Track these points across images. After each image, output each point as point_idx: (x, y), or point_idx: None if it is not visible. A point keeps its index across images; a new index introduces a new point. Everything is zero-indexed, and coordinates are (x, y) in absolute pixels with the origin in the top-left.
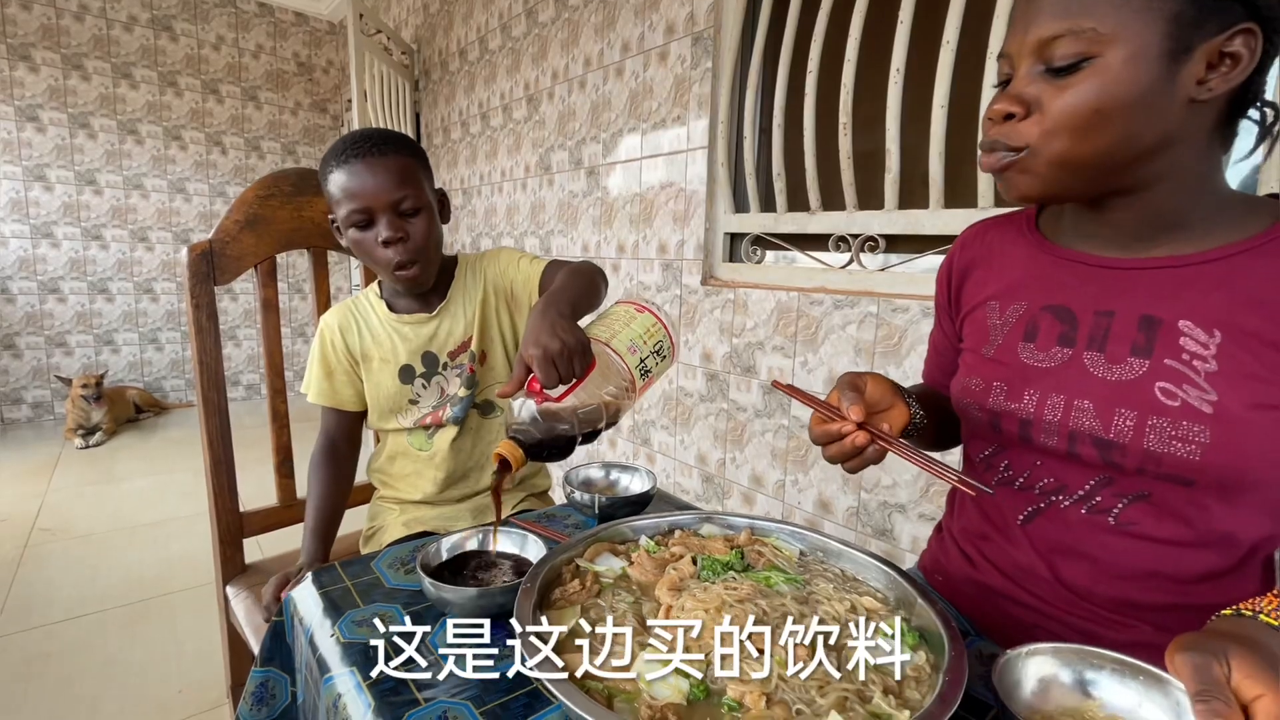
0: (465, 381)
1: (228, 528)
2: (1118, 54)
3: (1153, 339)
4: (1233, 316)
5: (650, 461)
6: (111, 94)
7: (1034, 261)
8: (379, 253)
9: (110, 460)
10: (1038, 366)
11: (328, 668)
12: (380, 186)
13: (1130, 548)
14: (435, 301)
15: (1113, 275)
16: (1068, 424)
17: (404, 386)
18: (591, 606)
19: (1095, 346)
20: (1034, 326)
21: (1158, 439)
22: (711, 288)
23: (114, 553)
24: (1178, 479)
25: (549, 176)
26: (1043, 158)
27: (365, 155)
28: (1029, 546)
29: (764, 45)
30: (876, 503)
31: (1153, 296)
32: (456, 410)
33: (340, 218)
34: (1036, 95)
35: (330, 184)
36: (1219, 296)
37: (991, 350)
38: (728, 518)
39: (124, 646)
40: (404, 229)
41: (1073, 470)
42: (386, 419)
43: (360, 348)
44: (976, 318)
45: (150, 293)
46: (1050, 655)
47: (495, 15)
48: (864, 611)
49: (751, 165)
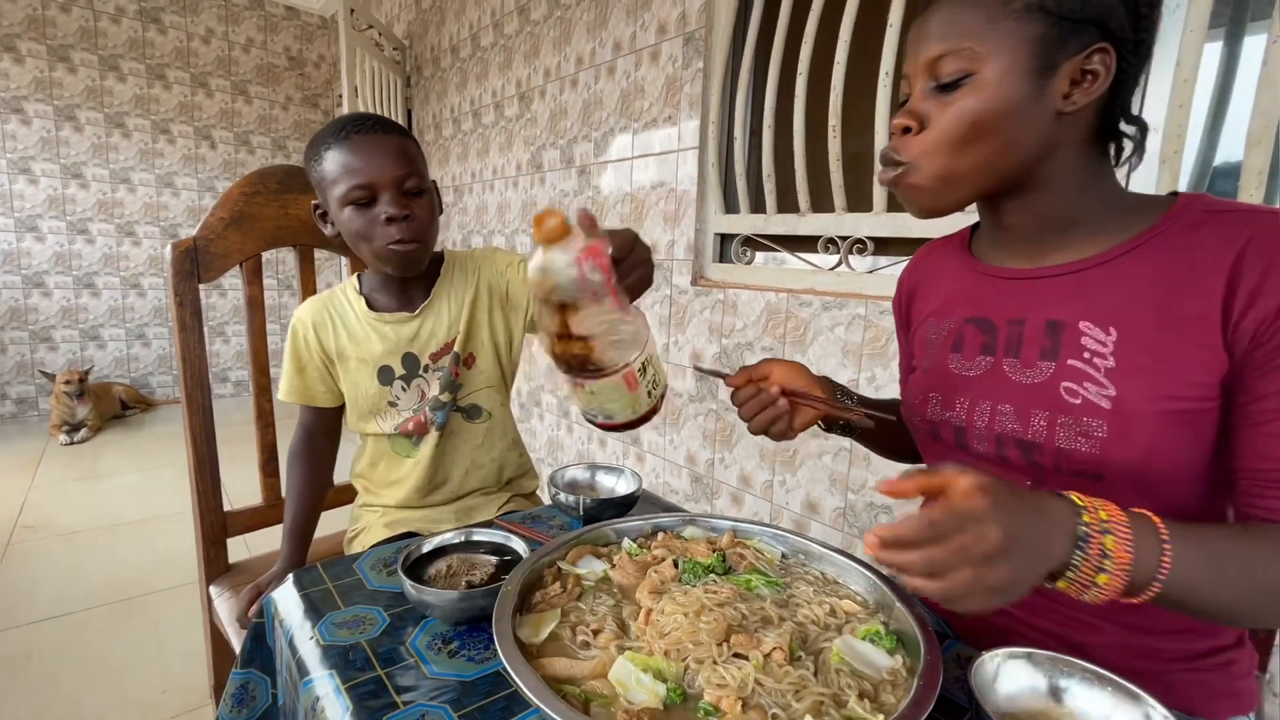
0: (446, 385)
1: (211, 527)
2: (992, 70)
3: (1057, 342)
4: (1124, 313)
5: (640, 461)
6: (99, 86)
7: (962, 278)
8: (378, 232)
9: (95, 457)
10: (965, 376)
11: (307, 670)
12: (385, 163)
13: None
14: (418, 299)
15: (1022, 285)
16: (994, 428)
17: (383, 388)
18: (572, 610)
19: (1011, 353)
20: (960, 338)
21: (1065, 436)
22: (701, 288)
23: (98, 551)
24: (1087, 474)
25: (540, 175)
26: (925, 170)
27: (368, 132)
28: None
29: (755, 46)
30: (863, 503)
31: (1055, 301)
32: (439, 416)
33: (336, 197)
34: (927, 111)
35: (325, 162)
36: (1112, 295)
37: (928, 363)
38: (711, 520)
39: (107, 646)
40: (409, 207)
41: (1008, 473)
42: (365, 420)
43: (335, 346)
44: (919, 336)
45: (137, 287)
46: (1024, 660)
47: (488, 12)
48: (843, 615)
49: (742, 166)
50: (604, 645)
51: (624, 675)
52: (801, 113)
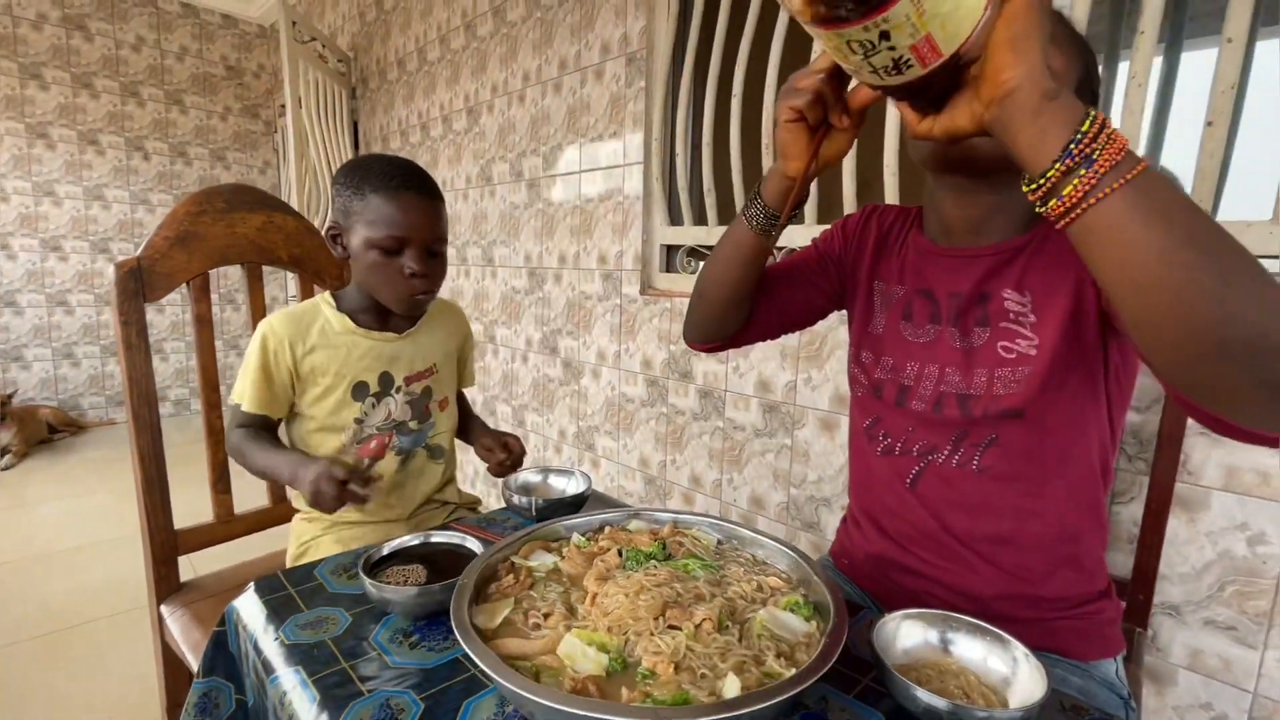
0: (418, 415)
1: (162, 546)
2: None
3: (987, 310)
4: (1037, 278)
5: (595, 466)
6: (19, 95)
7: (912, 252)
8: (400, 280)
9: (21, 484)
10: (915, 342)
11: (273, 668)
12: (424, 224)
13: (995, 489)
14: (404, 325)
15: (958, 262)
16: (939, 389)
17: (354, 404)
18: (524, 598)
19: (952, 323)
20: (910, 308)
21: (1001, 385)
22: (650, 297)
23: (27, 582)
24: (1010, 412)
25: (490, 188)
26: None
27: (417, 190)
28: (919, 506)
29: (693, 68)
30: (804, 497)
31: (984, 276)
32: (404, 442)
33: (366, 235)
34: None
35: (369, 203)
36: (1025, 268)
37: (879, 328)
38: (654, 513)
39: (42, 679)
40: (430, 266)
41: (937, 429)
42: (319, 437)
43: (309, 363)
44: (862, 296)
45: (64, 305)
46: (918, 619)
47: (434, 27)
48: (768, 590)
49: (684, 180)
50: (553, 626)
51: (571, 650)
52: (737, 132)
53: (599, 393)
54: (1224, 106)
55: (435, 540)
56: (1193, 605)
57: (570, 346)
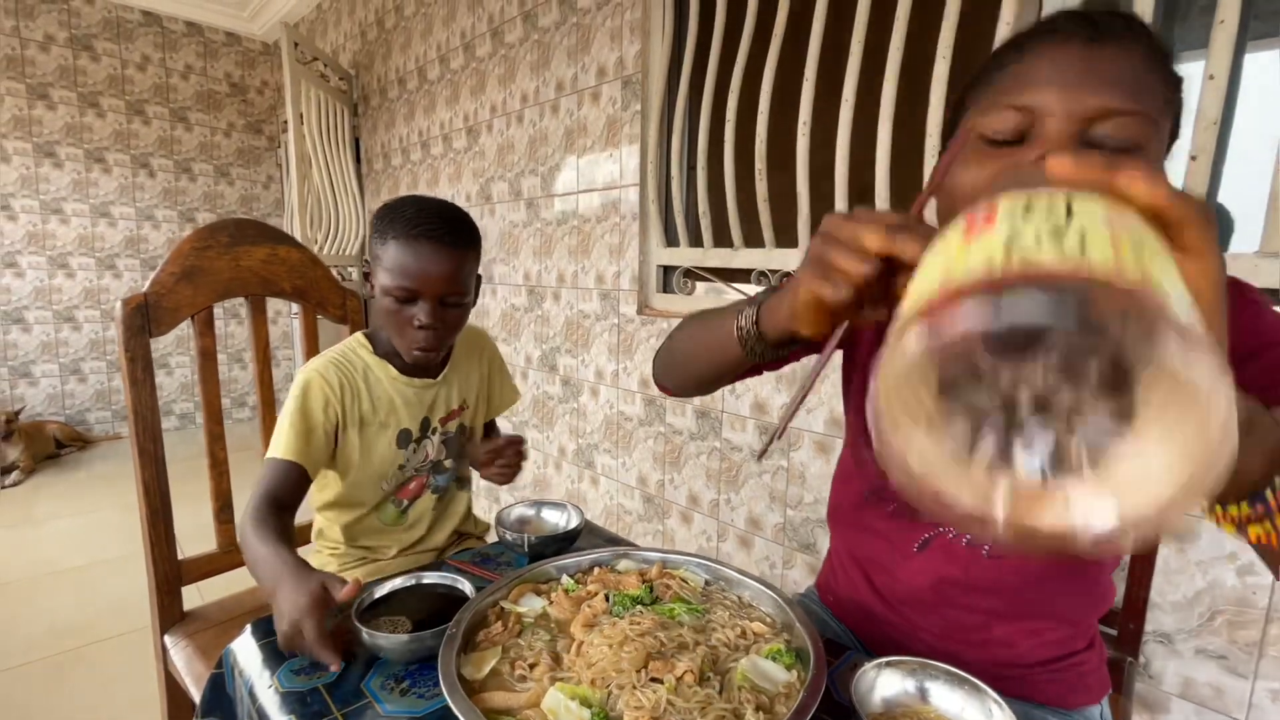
0: (453, 451)
1: (165, 576)
2: (1157, 151)
3: None
4: None
5: (594, 484)
6: (27, 116)
7: None
8: (407, 330)
9: (29, 501)
10: None
11: (267, 717)
12: (437, 277)
13: (1001, 574)
14: (437, 367)
15: None
16: None
17: (399, 451)
18: (512, 646)
19: None
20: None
21: None
22: (647, 317)
23: (36, 600)
24: None
25: (490, 206)
26: None
27: (435, 240)
28: (919, 573)
29: (687, 92)
30: (800, 519)
31: None
32: (440, 479)
33: (383, 282)
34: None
35: (386, 248)
36: None
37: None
38: (643, 553)
39: (50, 700)
40: (443, 319)
41: None
42: (366, 489)
43: (359, 411)
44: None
45: (71, 321)
46: (897, 667)
47: (434, 47)
48: (752, 636)
49: (679, 203)
50: (538, 678)
51: (554, 704)
52: (731, 155)
53: (598, 411)
54: (1207, 143)
55: (427, 582)
56: (1184, 634)
57: (569, 364)
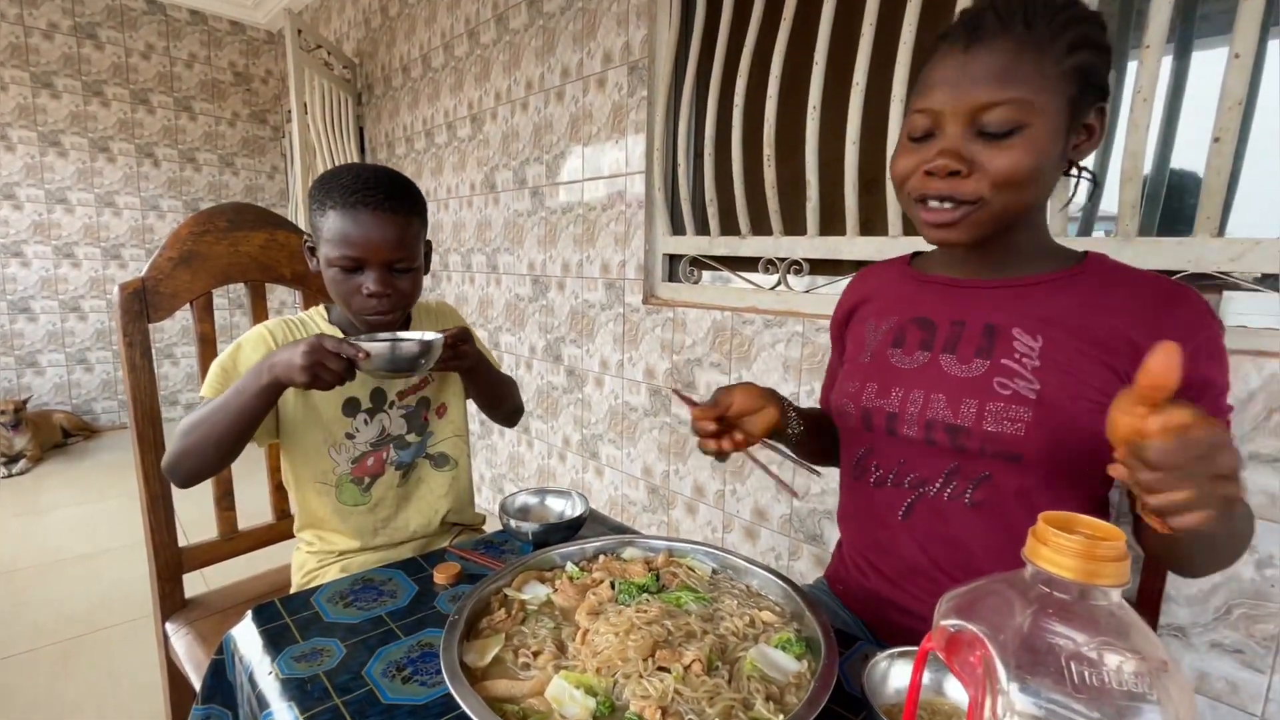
0: (415, 428)
1: (166, 564)
2: (1043, 126)
3: (992, 343)
4: (1051, 325)
5: (599, 475)
6: (31, 104)
7: (905, 287)
8: (357, 299)
9: (36, 489)
10: (903, 368)
11: (267, 704)
12: (380, 243)
13: (987, 525)
14: None
15: (965, 292)
16: (925, 414)
17: (345, 419)
18: (515, 633)
19: (949, 350)
20: (902, 335)
21: (993, 421)
22: (652, 306)
23: (43, 588)
24: (1008, 455)
25: (494, 195)
26: (989, 210)
27: (374, 207)
28: (910, 540)
29: (694, 78)
30: (807, 510)
31: (994, 309)
32: (403, 455)
33: (325, 253)
34: (973, 155)
35: (326, 219)
36: (1040, 310)
37: (867, 357)
38: (649, 541)
39: (56, 686)
40: (392, 285)
41: (930, 460)
42: (314, 458)
43: None
44: (855, 333)
45: (77, 310)
46: (909, 657)
47: (438, 34)
48: (761, 625)
49: (686, 191)
50: (543, 666)
51: (558, 692)
52: (739, 142)
53: (602, 401)
54: (1230, 124)
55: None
56: (1199, 627)
57: (574, 355)
